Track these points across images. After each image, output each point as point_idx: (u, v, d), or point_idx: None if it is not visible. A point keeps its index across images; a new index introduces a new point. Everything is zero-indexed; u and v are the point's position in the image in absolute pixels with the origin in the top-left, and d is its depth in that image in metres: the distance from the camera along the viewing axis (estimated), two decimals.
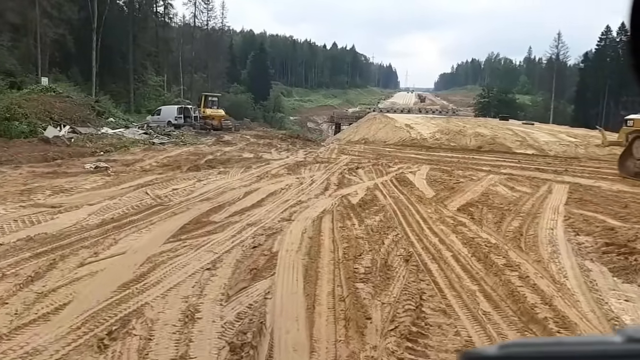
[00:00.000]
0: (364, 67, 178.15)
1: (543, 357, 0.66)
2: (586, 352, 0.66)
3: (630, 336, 0.66)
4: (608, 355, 0.65)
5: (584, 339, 0.70)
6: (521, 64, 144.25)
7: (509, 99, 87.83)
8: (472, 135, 30.29)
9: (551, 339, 0.82)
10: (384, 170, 15.86)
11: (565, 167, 17.34)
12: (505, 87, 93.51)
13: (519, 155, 23.46)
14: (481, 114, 78.27)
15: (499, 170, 16.51)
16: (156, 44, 62.39)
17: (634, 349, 0.65)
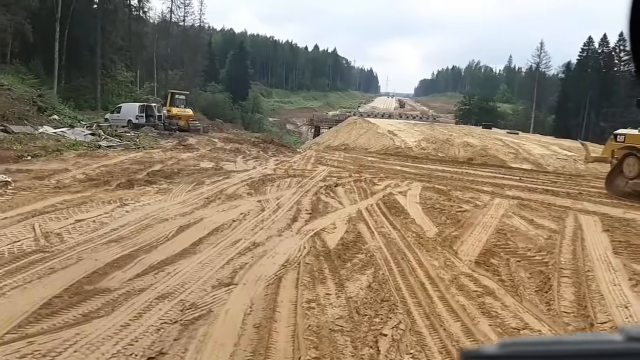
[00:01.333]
0: (345, 70, 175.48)
1: (543, 356, 0.65)
2: (587, 351, 0.65)
3: (631, 335, 0.64)
4: (609, 354, 0.64)
5: (584, 337, 0.67)
6: (501, 73, 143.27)
7: (490, 107, 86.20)
8: (461, 145, 27.71)
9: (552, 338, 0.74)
10: (368, 188, 12.96)
11: (579, 189, 14.69)
12: (487, 95, 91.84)
13: (516, 170, 20.82)
14: (462, 121, 76.58)
15: (504, 191, 13.76)
16: (129, 38, 58.70)
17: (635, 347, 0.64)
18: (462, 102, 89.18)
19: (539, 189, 14.42)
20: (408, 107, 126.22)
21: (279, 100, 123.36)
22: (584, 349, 0.65)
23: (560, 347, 0.66)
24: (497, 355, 0.65)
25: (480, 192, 13.46)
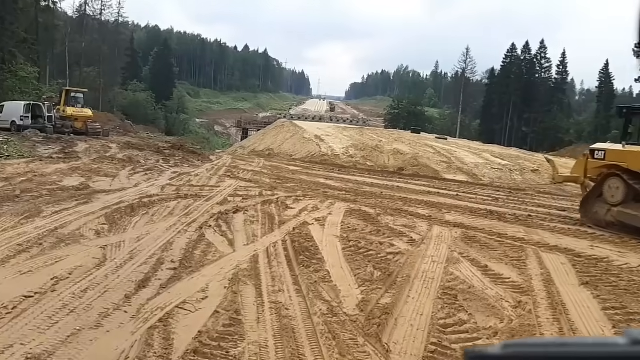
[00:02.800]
0: (276, 72, 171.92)
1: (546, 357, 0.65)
2: (590, 354, 0.64)
3: (635, 338, 0.64)
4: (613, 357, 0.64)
5: (588, 340, 0.68)
6: (428, 78, 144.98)
7: (418, 112, 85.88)
8: (391, 153, 25.40)
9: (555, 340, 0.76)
10: (277, 215, 10.04)
11: (526, 210, 12.45)
12: (415, 99, 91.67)
13: (451, 182, 18.60)
14: (391, 125, 75.74)
15: (442, 215, 11.24)
16: (35, 31, 52.81)
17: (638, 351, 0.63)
18: (392, 106, 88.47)
19: (481, 211, 12.03)
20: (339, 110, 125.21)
21: (207, 101, 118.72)
22: (588, 352, 0.64)
23: (564, 350, 0.64)
24: (500, 356, 0.64)
25: (415, 216, 10.86)
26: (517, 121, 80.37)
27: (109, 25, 72.91)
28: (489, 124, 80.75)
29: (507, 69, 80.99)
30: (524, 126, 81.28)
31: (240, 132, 74.40)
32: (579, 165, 11.90)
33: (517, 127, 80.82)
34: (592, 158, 11.16)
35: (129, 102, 71.43)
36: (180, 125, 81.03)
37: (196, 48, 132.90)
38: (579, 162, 12.08)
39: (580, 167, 11.82)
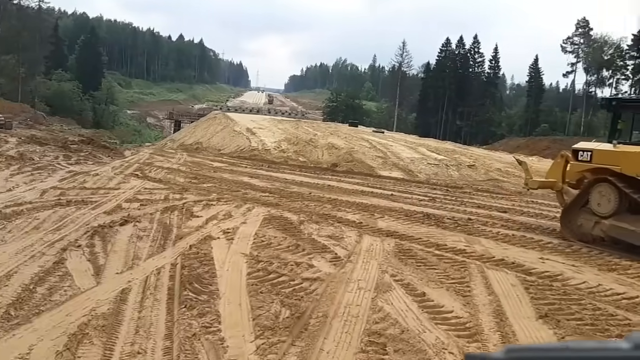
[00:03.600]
0: (213, 62, 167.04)
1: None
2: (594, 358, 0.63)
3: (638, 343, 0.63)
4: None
5: (591, 344, 0.66)
6: (366, 71, 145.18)
7: (356, 105, 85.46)
8: (325, 147, 23.94)
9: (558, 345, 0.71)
10: (177, 225, 8.26)
11: (465, 212, 11.24)
12: (353, 93, 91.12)
13: (386, 180, 17.33)
14: (329, 118, 74.85)
15: (375, 220, 9.81)
16: None
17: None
18: (330, 99, 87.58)
19: (418, 214, 10.69)
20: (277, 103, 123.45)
21: (140, 92, 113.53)
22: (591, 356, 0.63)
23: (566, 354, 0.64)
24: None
25: (344, 223, 9.36)
26: (452, 115, 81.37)
27: (30, 10, 67.56)
28: (425, 117, 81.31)
29: (442, 63, 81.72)
30: (458, 120, 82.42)
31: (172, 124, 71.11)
32: (556, 168, 10.15)
33: (451, 121, 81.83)
34: (576, 160, 9.28)
35: (52, 93, 66.52)
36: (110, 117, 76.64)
37: (127, 37, 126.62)
38: (556, 164, 10.28)
39: (557, 170, 10.04)
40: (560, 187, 9.95)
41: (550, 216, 11.52)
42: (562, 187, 9.89)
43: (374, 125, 71.21)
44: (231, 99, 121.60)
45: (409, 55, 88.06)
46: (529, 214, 11.74)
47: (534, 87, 74.69)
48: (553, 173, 10.26)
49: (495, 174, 20.04)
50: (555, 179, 10.08)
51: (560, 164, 10.01)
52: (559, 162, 10.09)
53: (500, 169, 21.24)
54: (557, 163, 10.28)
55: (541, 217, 11.38)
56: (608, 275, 7.05)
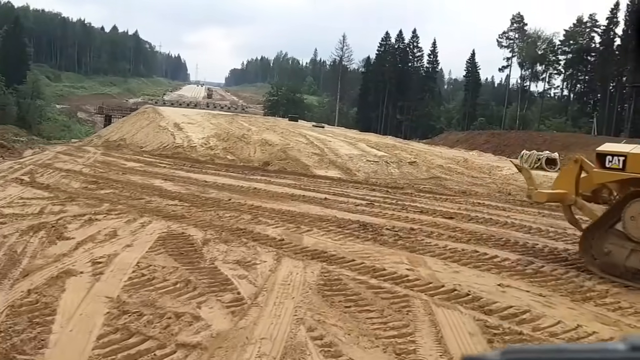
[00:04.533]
0: (149, 55, 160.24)
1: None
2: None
3: (635, 344, 0.62)
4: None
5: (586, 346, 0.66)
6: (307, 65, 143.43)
7: (297, 99, 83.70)
8: (258, 144, 21.96)
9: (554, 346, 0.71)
10: (31, 254, 6.14)
11: (409, 221, 9.62)
12: (293, 86, 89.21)
13: (322, 180, 15.60)
14: (270, 113, 72.94)
15: (300, 234, 8.02)
16: None
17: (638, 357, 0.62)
18: (270, 93, 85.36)
19: (353, 224, 8.97)
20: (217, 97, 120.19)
21: (70, 85, 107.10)
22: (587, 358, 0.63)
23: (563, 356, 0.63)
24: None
25: (262, 241, 7.49)
26: (392, 109, 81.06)
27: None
28: (366, 111, 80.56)
29: (382, 58, 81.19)
30: (398, 114, 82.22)
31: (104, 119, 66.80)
32: (567, 176, 7.87)
33: (392, 115, 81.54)
34: (601, 167, 6.97)
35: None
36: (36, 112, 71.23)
37: (56, 28, 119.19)
38: (567, 171, 8.02)
39: (568, 179, 7.77)
40: (572, 201, 7.60)
41: (501, 222, 10.12)
42: (576, 200, 7.55)
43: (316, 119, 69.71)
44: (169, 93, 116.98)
45: (349, 50, 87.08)
46: (477, 219, 10.28)
47: (471, 81, 75.40)
48: (563, 182, 7.92)
49: (437, 171, 18.75)
50: (566, 190, 7.71)
51: (572, 171, 7.73)
52: (571, 169, 7.78)
53: (442, 166, 19.99)
54: (568, 170, 7.98)
55: (491, 224, 9.94)
56: (584, 308, 5.55)
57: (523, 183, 17.64)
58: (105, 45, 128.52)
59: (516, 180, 17.50)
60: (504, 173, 18.83)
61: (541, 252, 7.91)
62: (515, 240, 8.60)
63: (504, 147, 41.19)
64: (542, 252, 7.95)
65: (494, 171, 19.34)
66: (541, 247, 8.28)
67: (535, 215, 11.32)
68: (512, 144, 41.31)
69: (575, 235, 9.23)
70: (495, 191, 14.97)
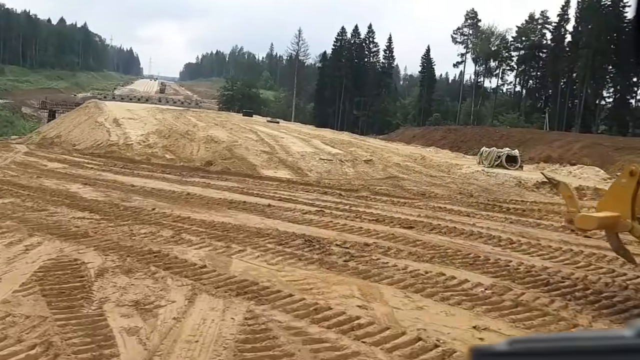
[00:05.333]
0: (99, 49, 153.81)
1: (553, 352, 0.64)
2: (596, 347, 0.62)
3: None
4: (619, 349, 0.62)
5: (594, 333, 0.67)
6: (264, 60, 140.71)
7: (253, 94, 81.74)
8: (203, 141, 20.16)
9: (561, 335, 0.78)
10: None
11: (363, 234, 8.17)
12: (249, 81, 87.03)
13: (269, 182, 14.01)
14: (225, 108, 70.82)
15: (227, 256, 6.43)
16: None
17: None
18: (225, 88, 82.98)
19: (297, 240, 7.45)
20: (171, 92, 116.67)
21: (14, 79, 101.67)
22: (594, 345, 0.62)
23: (571, 344, 0.63)
24: (507, 352, 0.63)
25: (175, 269, 5.85)
26: (349, 105, 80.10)
27: None
28: (323, 107, 79.34)
29: (338, 53, 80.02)
30: (355, 109, 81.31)
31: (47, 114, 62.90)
32: (619, 194, 5.67)
33: (349, 111, 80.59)
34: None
35: None
36: None
37: None
38: (618, 187, 5.79)
39: (620, 197, 5.59)
40: (628, 227, 5.53)
41: (467, 232, 8.81)
42: (632, 226, 5.50)
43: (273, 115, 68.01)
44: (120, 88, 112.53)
45: (305, 44, 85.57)
46: (440, 229, 8.93)
47: (426, 77, 75.18)
48: (613, 202, 5.77)
49: (395, 169, 17.46)
50: (619, 212, 5.58)
51: (626, 187, 5.55)
52: (626, 184, 5.56)
53: (399, 164, 18.74)
54: (620, 186, 5.77)
55: (456, 234, 8.61)
56: None
57: (483, 182, 16.66)
58: (52, 38, 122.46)
59: (477, 179, 16.41)
60: (464, 171, 17.72)
61: (517, 273, 6.59)
62: (485, 256, 7.29)
63: (461, 142, 40.61)
64: (517, 272, 6.63)
65: (453, 169, 18.21)
66: (515, 264, 6.98)
67: (502, 221, 10.10)
68: (468, 140, 40.77)
69: (551, 247, 8.08)
70: (456, 192, 13.74)
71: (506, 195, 13.84)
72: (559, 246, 8.13)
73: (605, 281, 6.44)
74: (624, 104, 56.11)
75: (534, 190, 14.63)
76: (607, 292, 6.08)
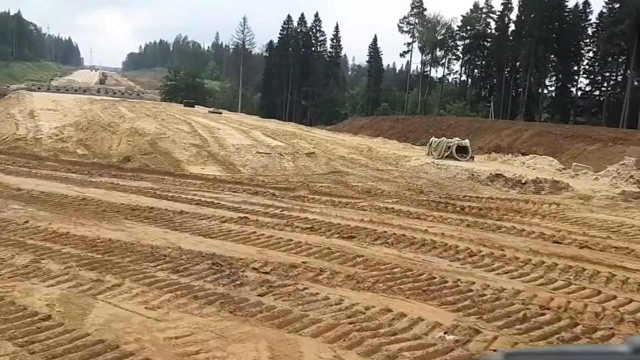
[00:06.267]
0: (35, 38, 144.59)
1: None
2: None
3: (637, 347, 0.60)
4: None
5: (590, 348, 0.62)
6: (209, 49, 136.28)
7: (197, 84, 78.34)
8: (126, 134, 17.90)
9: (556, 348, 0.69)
10: None
11: (293, 251, 6.42)
12: (193, 71, 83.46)
13: (193, 180, 12.03)
14: (168, 98, 67.48)
15: (87, 307, 4.53)
16: None
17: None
18: (168, 78, 79.18)
19: (200, 264, 5.63)
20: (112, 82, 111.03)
21: None
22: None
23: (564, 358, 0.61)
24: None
25: (1, 327, 3.92)
26: (297, 95, 78.17)
27: None
28: (270, 97, 77.04)
29: (285, 42, 77.77)
30: (303, 100, 79.47)
31: None
32: None
33: (297, 101, 78.68)
34: None
35: None
36: None
37: None
38: None
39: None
40: None
41: (418, 241, 7.22)
42: None
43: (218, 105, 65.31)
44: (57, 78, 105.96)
45: (251, 33, 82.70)
46: (386, 238, 7.32)
47: (374, 67, 74.16)
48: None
49: (339, 163, 15.85)
50: None
51: None
52: None
53: (344, 157, 17.15)
54: None
55: (406, 245, 7.01)
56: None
57: (433, 175, 15.24)
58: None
59: (426, 172, 15.01)
60: (412, 164, 16.30)
61: (483, 302, 5.03)
62: (441, 277, 5.73)
63: (409, 132, 39.56)
64: (484, 301, 5.08)
65: (401, 162, 16.77)
66: (480, 288, 5.44)
67: (458, 224, 8.60)
68: (416, 130, 39.78)
69: (519, 259, 6.60)
70: (405, 188, 12.23)
71: (459, 190, 12.45)
72: (527, 257, 6.68)
73: (594, 310, 4.98)
74: (565, 93, 56.85)
75: (488, 184, 13.32)
76: (601, 327, 4.60)
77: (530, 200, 11.15)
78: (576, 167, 15.28)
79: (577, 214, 9.92)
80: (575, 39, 54.32)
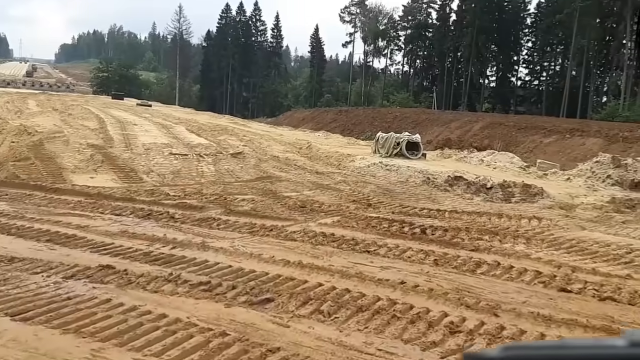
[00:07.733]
0: None
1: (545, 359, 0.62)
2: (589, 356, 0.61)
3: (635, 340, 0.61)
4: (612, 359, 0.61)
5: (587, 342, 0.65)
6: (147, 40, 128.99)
7: (131, 75, 73.15)
8: (13, 132, 14.44)
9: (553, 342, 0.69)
10: None
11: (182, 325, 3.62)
12: (127, 62, 77.97)
13: (67, 197, 8.85)
14: (100, 90, 62.51)
15: None
16: None
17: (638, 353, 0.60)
18: (99, 69, 73.52)
19: None
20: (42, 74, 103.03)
21: None
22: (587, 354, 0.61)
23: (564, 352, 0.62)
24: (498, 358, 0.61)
25: None
26: (238, 86, 74.48)
27: None
28: (209, 89, 72.99)
29: (224, 32, 73.74)
30: (244, 91, 75.94)
31: None
32: None
33: (238, 93, 75.02)
34: None
35: None
36: None
37: None
38: None
39: None
40: None
41: (367, 303, 4.57)
42: None
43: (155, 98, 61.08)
44: None
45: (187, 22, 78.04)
46: (317, 300, 4.62)
47: (316, 57, 71.51)
48: None
49: (270, 165, 13.08)
50: None
51: None
52: None
53: (279, 157, 14.42)
54: None
55: (348, 315, 4.34)
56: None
57: (382, 179, 12.73)
58: None
59: (374, 175, 12.48)
60: (357, 164, 13.76)
61: None
62: None
63: (353, 125, 37.12)
64: None
65: (344, 162, 14.19)
66: None
67: (421, 261, 6.04)
68: (361, 122, 37.40)
69: None
70: (349, 199, 9.63)
71: (414, 199, 9.98)
72: (536, 330, 4.19)
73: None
74: (505, 83, 56.26)
75: (447, 190, 10.94)
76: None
77: (504, 213, 8.78)
78: (541, 166, 13.19)
79: (567, 234, 7.62)
80: (514, 29, 53.66)
